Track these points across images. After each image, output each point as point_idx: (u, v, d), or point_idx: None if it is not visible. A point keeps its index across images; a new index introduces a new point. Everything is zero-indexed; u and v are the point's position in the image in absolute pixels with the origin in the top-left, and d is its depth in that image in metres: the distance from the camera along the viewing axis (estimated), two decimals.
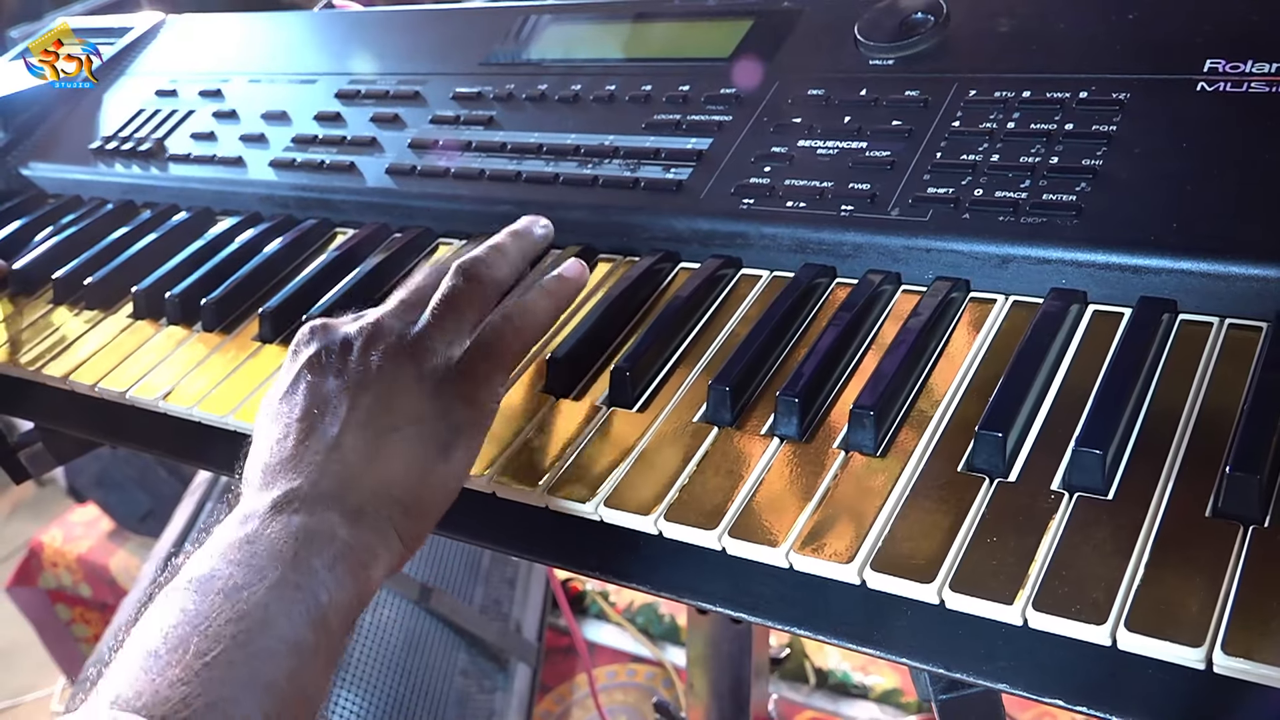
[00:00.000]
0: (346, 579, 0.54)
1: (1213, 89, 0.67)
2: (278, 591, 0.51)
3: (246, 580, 0.52)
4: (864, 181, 0.71)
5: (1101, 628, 0.46)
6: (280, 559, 0.53)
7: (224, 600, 0.51)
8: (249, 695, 0.49)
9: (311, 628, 0.52)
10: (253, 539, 0.54)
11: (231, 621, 0.50)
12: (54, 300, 0.94)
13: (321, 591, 0.53)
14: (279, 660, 0.50)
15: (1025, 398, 0.57)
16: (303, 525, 0.54)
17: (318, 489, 0.56)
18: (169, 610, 0.51)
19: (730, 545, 0.55)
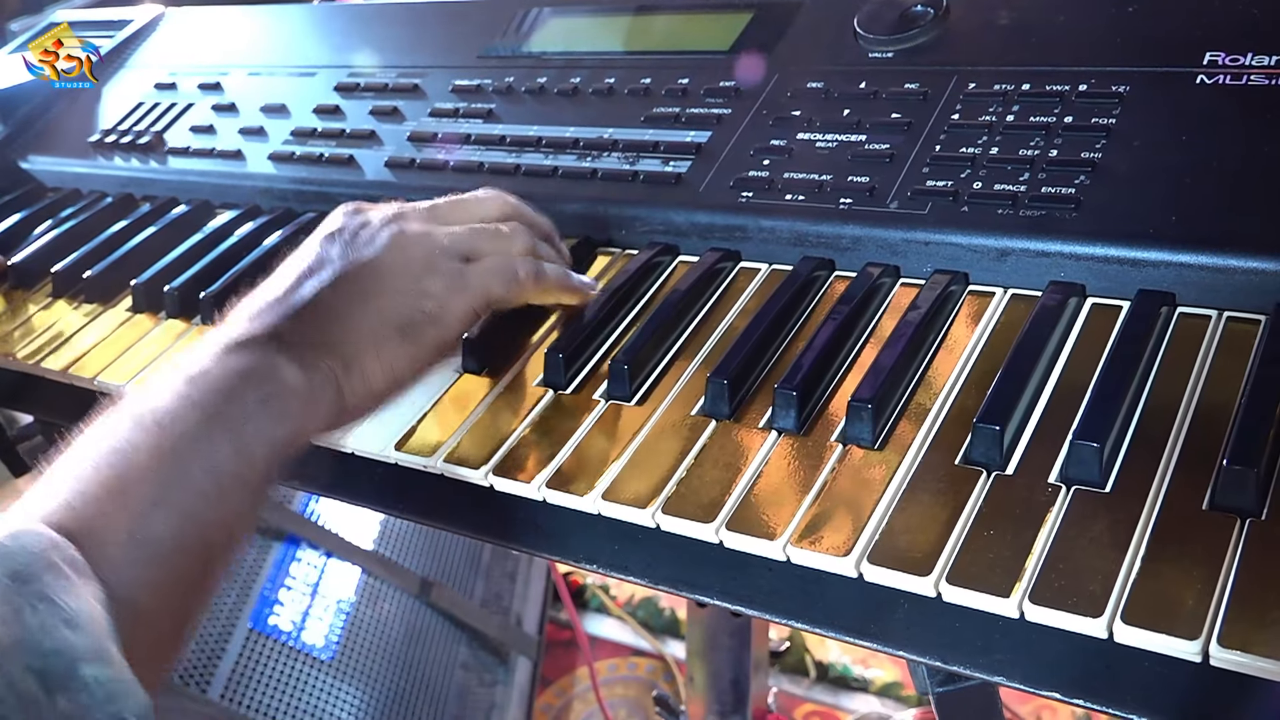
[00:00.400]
0: (277, 417, 0.56)
1: (1212, 82, 0.67)
2: (204, 422, 0.54)
3: (179, 411, 0.54)
4: (863, 174, 0.71)
5: (1098, 620, 0.46)
6: (218, 392, 0.55)
7: (154, 429, 0.54)
8: (159, 512, 0.52)
9: (232, 457, 0.54)
10: (199, 376, 0.56)
11: (155, 446, 0.53)
12: (53, 294, 0.94)
13: (249, 425, 0.55)
14: (193, 482, 0.53)
15: (1023, 391, 0.57)
16: (248, 363, 0.57)
17: (275, 332, 0.59)
18: (102, 435, 0.54)
19: (728, 538, 0.55)
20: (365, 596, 1.74)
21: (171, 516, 0.52)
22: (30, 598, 0.45)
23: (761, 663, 1.22)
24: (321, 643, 1.64)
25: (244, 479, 0.55)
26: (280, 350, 0.58)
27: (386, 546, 1.80)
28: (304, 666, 1.61)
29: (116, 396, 0.58)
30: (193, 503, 0.53)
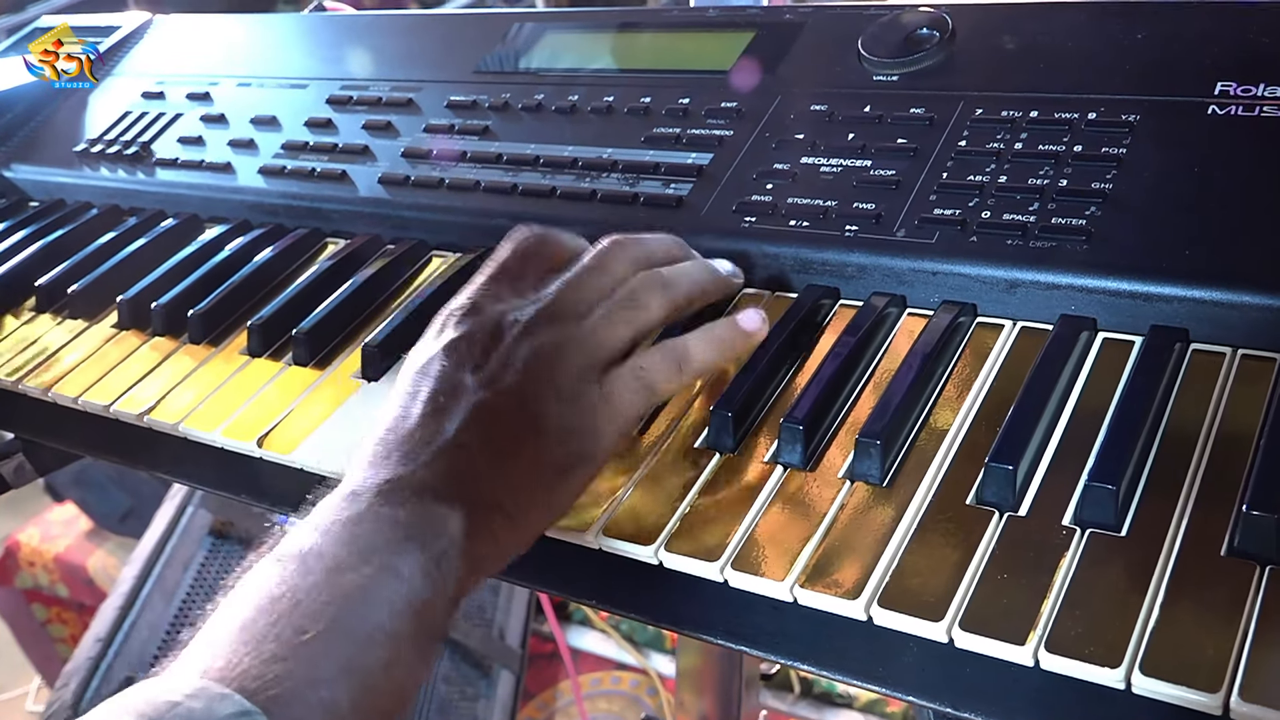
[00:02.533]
0: (448, 576, 0.52)
1: (1224, 112, 0.66)
2: (381, 578, 0.50)
3: (350, 562, 0.50)
4: (869, 201, 0.70)
5: (1116, 671, 0.45)
6: (386, 545, 0.51)
7: (325, 579, 0.49)
8: (342, 679, 0.47)
9: (411, 619, 0.50)
10: (358, 520, 0.52)
11: (332, 602, 0.49)
12: (36, 308, 0.92)
13: (424, 584, 0.51)
14: (375, 648, 0.49)
15: (1036, 428, 0.56)
16: (410, 515, 0.52)
17: (430, 481, 0.53)
18: (267, 582, 0.50)
19: (733, 578, 0.54)
20: None
21: (354, 680, 0.48)
22: None
23: (752, 683, 1.21)
24: None
25: (416, 639, 0.51)
26: (439, 501, 0.53)
27: None
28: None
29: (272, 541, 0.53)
30: (370, 664, 0.48)
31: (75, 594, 2.22)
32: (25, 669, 2.39)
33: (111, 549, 2.23)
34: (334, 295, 0.80)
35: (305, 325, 0.77)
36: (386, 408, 0.58)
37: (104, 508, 2.30)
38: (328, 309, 0.78)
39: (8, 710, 2.47)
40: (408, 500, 0.53)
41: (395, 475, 0.54)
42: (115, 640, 1.58)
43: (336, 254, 0.86)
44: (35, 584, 2.26)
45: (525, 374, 0.56)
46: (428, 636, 0.51)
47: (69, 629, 2.27)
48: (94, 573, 2.18)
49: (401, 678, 0.50)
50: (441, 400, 0.56)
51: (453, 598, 0.53)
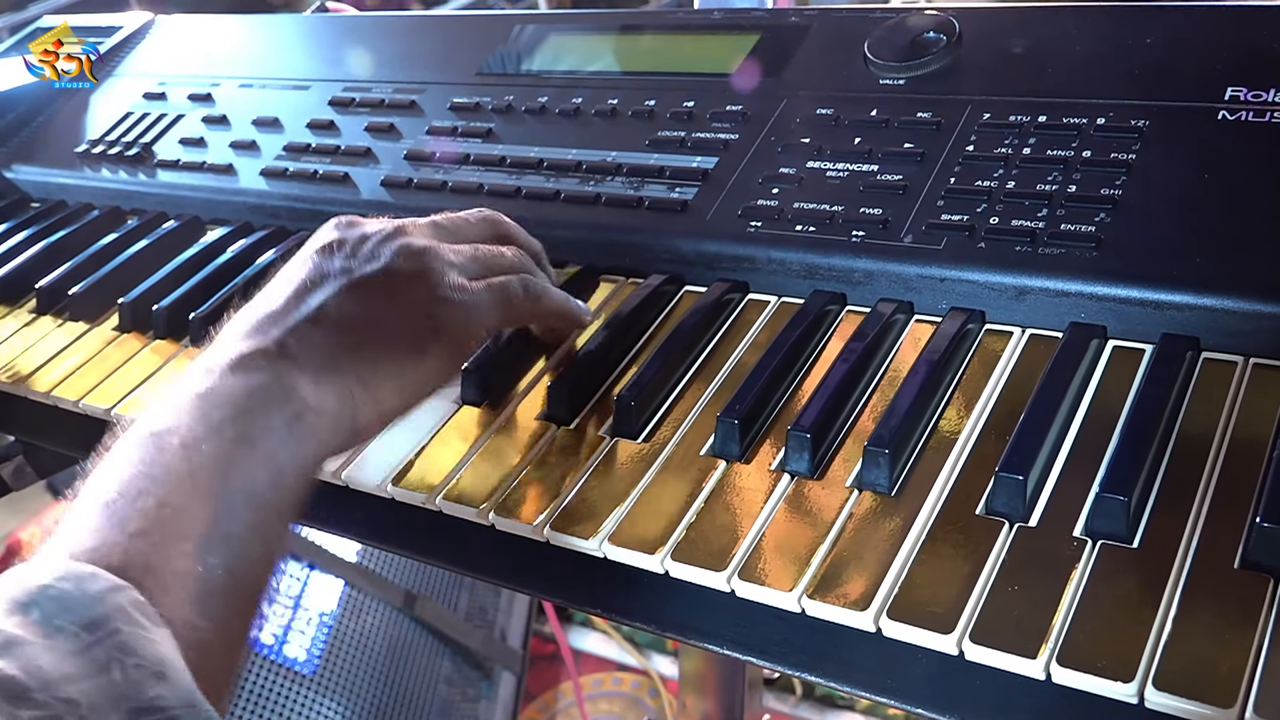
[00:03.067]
0: (303, 438, 0.54)
1: (1234, 118, 0.65)
2: (236, 446, 0.52)
3: (204, 434, 0.52)
4: (875, 206, 0.70)
5: (1129, 685, 0.45)
6: (239, 414, 0.53)
7: (182, 452, 0.51)
8: (207, 546, 0.49)
9: (269, 483, 0.52)
10: (211, 392, 0.53)
11: (190, 473, 0.50)
12: (37, 310, 0.92)
13: (279, 448, 0.53)
14: (237, 512, 0.51)
15: (1046, 437, 0.56)
16: (263, 382, 0.54)
17: (285, 349, 0.56)
18: (125, 461, 0.51)
19: (740, 588, 0.54)
20: (348, 609, 1.72)
21: (221, 548, 0.49)
22: (112, 650, 0.42)
23: (755, 685, 1.20)
24: (303, 656, 1.62)
25: (280, 503, 0.53)
26: (293, 367, 0.55)
27: (370, 559, 1.78)
28: (285, 681, 1.59)
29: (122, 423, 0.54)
30: (238, 532, 0.50)
31: None
32: None
33: None
34: None
35: None
36: (257, 297, 0.60)
37: None
38: None
39: None
40: (261, 368, 0.55)
41: (251, 347, 0.56)
42: None
43: None
44: None
45: (391, 261, 0.60)
46: (288, 502, 0.53)
47: None
48: None
49: (266, 543, 0.52)
50: (307, 282, 0.59)
51: (310, 463, 0.55)
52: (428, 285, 0.61)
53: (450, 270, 0.62)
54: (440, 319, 0.61)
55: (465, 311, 0.61)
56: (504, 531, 0.61)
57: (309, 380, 0.55)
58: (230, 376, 0.54)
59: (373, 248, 0.61)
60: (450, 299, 0.61)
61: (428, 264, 0.61)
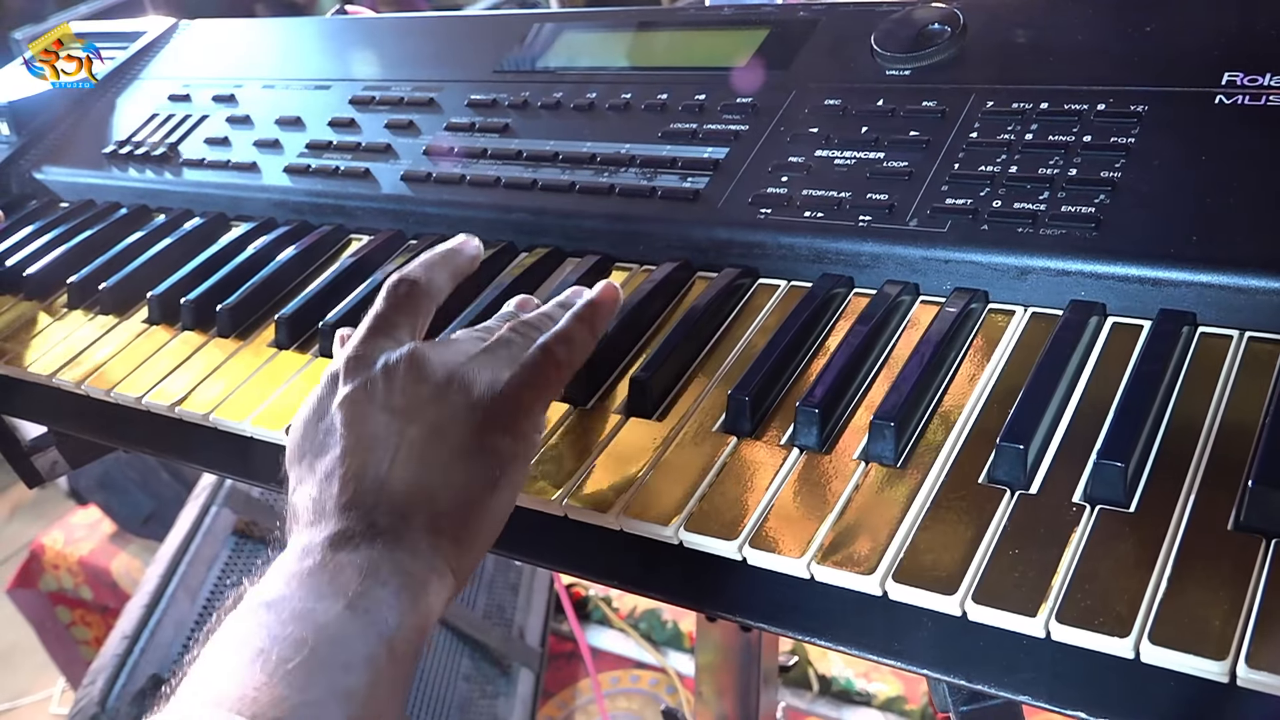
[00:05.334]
0: (409, 606, 0.54)
1: (1231, 102, 0.67)
2: (349, 614, 0.52)
3: (317, 605, 0.52)
4: (882, 192, 0.72)
5: (1125, 640, 0.47)
6: (348, 588, 0.53)
7: (297, 619, 0.51)
8: (333, 701, 0.49)
9: (384, 647, 0.52)
10: (315, 571, 0.53)
11: (309, 636, 0.50)
12: (68, 305, 0.94)
13: (390, 615, 0.53)
14: (356, 673, 0.51)
15: (1046, 409, 0.57)
16: (364, 559, 0.54)
17: (374, 526, 0.55)
18: (243, 628, 0.51)
19: (751, 555, 0.56)
20: None
21: (341, 703, 0.50)
22: None
23: (770, 677, 1.22)
24: None
25: (393, 666, 0.52)
26: (389, 543, 0.55)
27: None
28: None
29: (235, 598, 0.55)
30: (357, 690, 0.50)
31: (99, 596, 2.24)
32: (50, 671, 2.41)
33: (135, 552, 2.25)
34: (359, 289, 0.82)
35: (331, 318, 0.79)
36: (304, 466, 0.59)
37: (127, 511, 2.32)
38: (353, 303, 0.80)
39: (33, 712, 2.49)
40: (357, 547, 0.54)
41: (338, 529, 0.55)
42: (141, 638, 1.60)
43: (360, 250, 0.87)
44: (59, 587, 2.28)
45: (432, 401, 0.58)
46: (402, 660, 0.53)
47: (93, 631, 2.29)
48: (117, 575, 2.20)
49: (384, 698, 0.52)
50: (363, 448, 0.57)
51: (418, 624, 0.54)
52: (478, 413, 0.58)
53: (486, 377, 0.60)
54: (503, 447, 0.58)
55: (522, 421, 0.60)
56: (524, 507, 0.63)
57: (404, 550, 0.55)
58: (329, 556, 0.54)
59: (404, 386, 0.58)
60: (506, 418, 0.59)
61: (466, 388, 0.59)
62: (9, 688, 2.54)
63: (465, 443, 0.58)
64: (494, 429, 0.58)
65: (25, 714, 2.50)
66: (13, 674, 2.56)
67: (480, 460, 0.58)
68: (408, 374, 0.59)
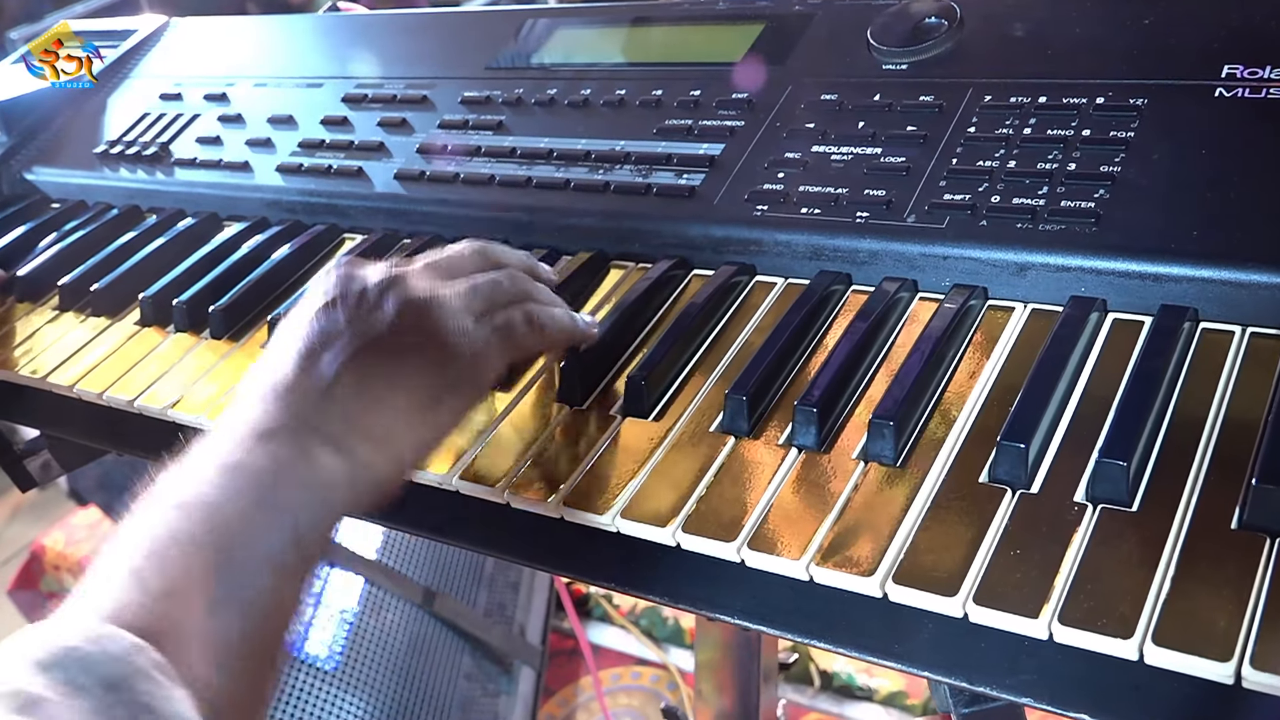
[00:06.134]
0: (324, 504, 0.55)
1: (1231, 95, 0.66)
2: (260, 514, 0.53)
3: (225, 499, 0.53)
4: (879, 188, 0.71)
5: (1129, 642, 0.46)
6: (262, 483, 0.54)
7: (203, 517, 0.52)
8: (227, 609, 0.50)
9: (291, 549, 0.53)
10: (235, 466, 0.55)
11: (210, 538, 0.52)
12: (60, 307, 0.94)
13: (299, 514, 0.54)
14: (258, 576, 0.52)
15: (1046, 408, 0.57)
16: (284, 454, 0.55)
17: (304, 420, 0.57)
18: (150, 526, 0.52)
19: (750, 557, 0.55)
20: (368, 606, 1.74)
21: (239, 611, 0.51)
22: (133, 709, 0.43)
23: (771, 674, 1.21)
24: (325, 653, 1.64)
25: (297, 568, 0.54)
26: (312, 437, 0.56)
27: (390, 556, 1.80)
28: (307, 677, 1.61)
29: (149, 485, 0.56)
30: (256, 596, 0.52)
31: None
32: None
33: None
34: None
35: None
36: (270, 357, 0.61)
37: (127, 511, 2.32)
38: None
39: None
40: (282, 440, 0.56)
41: (267, 415, 0.57)
42: None
43: (354, 249, 0.87)
44: (60, 587, 2.28)
45: (395, 315, 0.60)
46: (304, 561, 0.54)
47: None
48: None
49: (284, 604, 0.53)
50: (316, 344, 0.59)
51: (328, 527, 0.56)
52: (434, 337, 0.61)
53: (453, 316, 0.62)
54: (450, 371, 0.61)
55: (474, 360, 0.62)
56: (519, 509, 0.62)
57: (329, 449, 0.56)
58: (254, 448, 0.55)
59: (374, 301, 0.61)
60: (458, 349, 0.61)
61: (431, 314, 0.61)
62: None
63: (418, 361, 0.60)
64: (452, 359, 0.60)
65: None
66: None
67: (428, 382, 0.60)
68: (387, 289, 0.61)
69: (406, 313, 0.60)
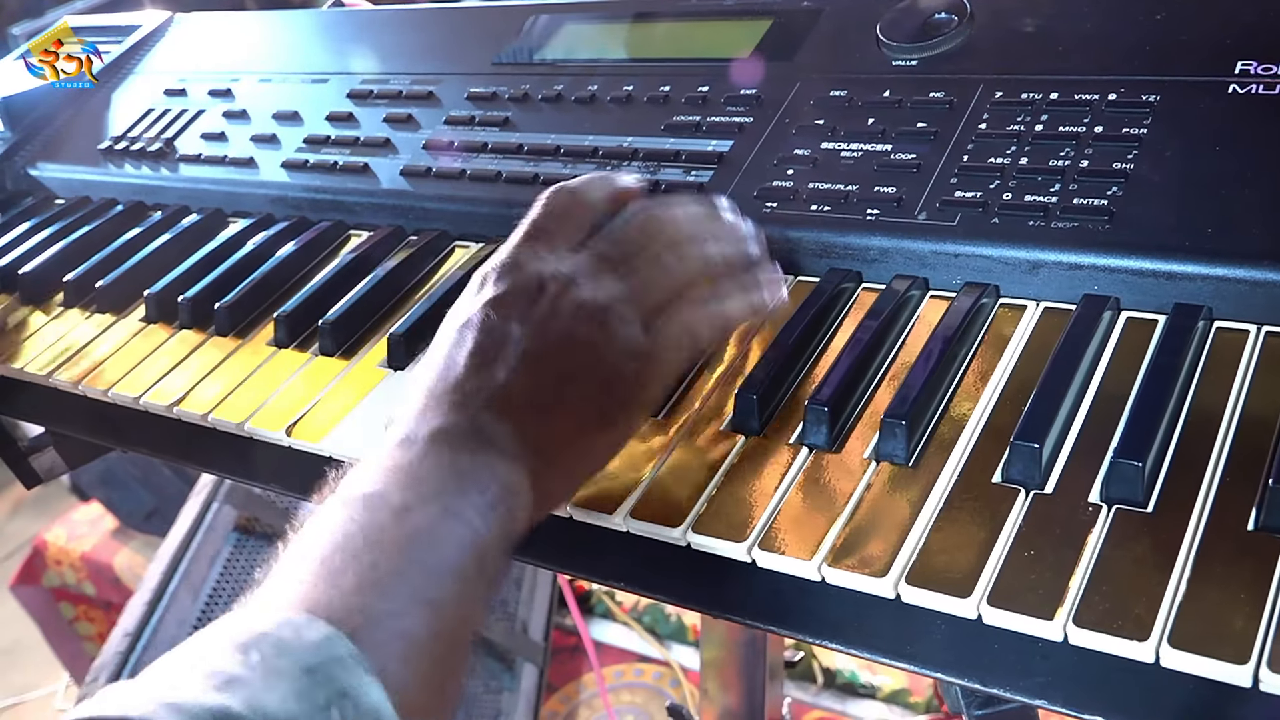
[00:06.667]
0: (504, 519, 0.54)
1: (1245, 91, 0.66)
2: (444, 519, 0.52)
3: (414, 504, 0.52)
4: (889, 185, 0.70)
5: (1145, 644, 0.46)
6: (445, 490, 0.53)
7: (391, 518, 0.51)
8: (416, 610, 0.49)
9: (474, 557, 0.52)
10: (416, 464, 0.54)
11: (401, 540, 0.50)
12: (65, 304, 0.93)
13: (481, 526, 0.52)
14: (443, 581, 0.51)
15: (1060, 407, 0.56)
16: (464, 462, 0.54)
17: (480, 430, 0.55)
18: (336, 522, 0.51)
19: (761, 558, 0.55)
20: None
21: (427, 613, 0.49)
22: (331, 694, 0.43)
23: (776, 672, 1.21)
24: None
25: (481, 579, 0.52)
26: (490, 449, 0.55)
27: None
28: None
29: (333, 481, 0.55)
30: (442, 600, 0.50)
31: (102, 592, 2.23)
32: (54, 667, 2.41)
33: (137, 547, 2.25)
34: (359, 286, 0.81)
35: (331, 316, 0.78)
36: (431, 357, 0.59)
37: (129, 506, 2.32)
38: (353, 300, 0.79)
39: (37, 708, 2.49)
40: (460, 447, 0.54)
41: (447, 423, 0.55)
42: (144, 635, 1.59)
43: (360, 246, 0.86)
44: (62, 582, 2.28)
45: (570, 326, 0.57)
46: (488, 574, 0.53)
47: (96, 627, 2.29)
48: (120, 571, 2.19)
49: (468, 612, 0.52)
50: (489, 350, 0.57)
51: (506, 539, 0.54)
52: (611, 355, 0.57)
53: (627, 326, 0.58)
54: (626, 393, 0.58)
55: (651, 378, 0.59)
56: None
57: (506, 462, 0.55)
58: (431, 451, 0.54)
59: (549, 306, 0.58)
60: (636, 370, 0.58)
61: (608, 327, 0.58)
62: (13, 684, 2.54)
63: (592, 377, 0.57)
64: (623, 373, 0.58)
65: (30, 710, 2.50)
66: (17, 670, 2.56)
67: (600, 400, 0.57)
68: (559, 294, 0.58)
69: (583, 323, 0.57)
